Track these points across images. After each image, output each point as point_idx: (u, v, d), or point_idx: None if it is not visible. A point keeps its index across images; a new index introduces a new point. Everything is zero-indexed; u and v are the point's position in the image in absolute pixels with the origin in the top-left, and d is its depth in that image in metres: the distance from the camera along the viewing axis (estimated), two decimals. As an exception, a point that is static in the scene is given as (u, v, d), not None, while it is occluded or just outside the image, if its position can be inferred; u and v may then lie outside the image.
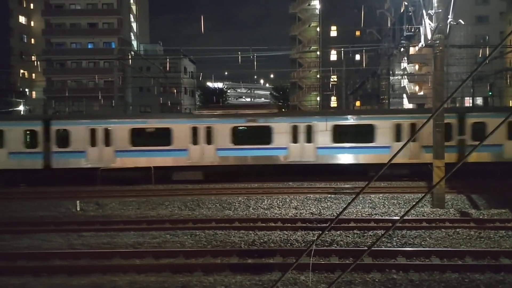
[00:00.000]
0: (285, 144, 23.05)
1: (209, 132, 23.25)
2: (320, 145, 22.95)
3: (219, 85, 79.91)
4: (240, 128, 23.50)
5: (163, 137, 23.24)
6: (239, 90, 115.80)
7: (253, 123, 23.40)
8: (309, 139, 23.05)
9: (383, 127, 22.75)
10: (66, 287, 8.97)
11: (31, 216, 15.80)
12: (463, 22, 16.63)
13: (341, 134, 23.07)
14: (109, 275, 9.55)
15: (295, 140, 23.08)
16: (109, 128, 23.32)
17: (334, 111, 42.57)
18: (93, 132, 23.25)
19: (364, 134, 22.92)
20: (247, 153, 23.24)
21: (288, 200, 17.37)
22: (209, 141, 23.21)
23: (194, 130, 23.26)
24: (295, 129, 23.11)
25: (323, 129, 22.96)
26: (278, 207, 16.60)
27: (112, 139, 23.24)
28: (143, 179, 22.68)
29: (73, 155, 23.21)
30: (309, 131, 23.09)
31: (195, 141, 23.16)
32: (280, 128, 23.11)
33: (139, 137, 23.42)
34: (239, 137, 23.35)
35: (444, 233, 12.36)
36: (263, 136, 23.18)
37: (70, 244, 12.05)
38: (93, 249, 11.43)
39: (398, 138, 22.60)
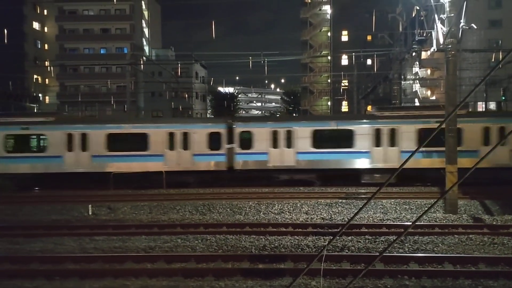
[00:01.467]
0: (60, 153, 23.32)
1: None
2: (95, 153, 23.35)
3: (230, 90, 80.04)
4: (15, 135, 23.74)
5: None
6: (250, 95, 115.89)
7: (27, 131, 23.64)
8: (84, 148, 23.35)
9: (156, 135, 23.38)
10: (79, 290, 9.04)
11: (44, 220, 15.96)
12: (475, 26, 16.53)
13: (114, 142, 23.51)
14: (121, 279, 9.60)
15: (70, 148, 23.35)
16: None
17: (108, 119, 41.86)
18: None
19: (139, 143, 23.45)
20: (23, 161, 23.39)
21: (299, 205, 17.33)
22: None
23: None
24: (70, 137, 23.39)
25: (98, 137, 23.37)
26: (289, 212, 16.56)
27: None
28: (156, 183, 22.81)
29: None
30: (84, 139, 23.36)
31: None
32: (56, 137, 23.39)
33: None
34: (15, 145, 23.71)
35: (457, 239, 12.25)
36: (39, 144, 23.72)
37: (82, 247, 12.14)
38: (105, 253, 11.50)
39: (171, 146, 23.30)
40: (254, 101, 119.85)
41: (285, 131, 23.08)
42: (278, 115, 46.24)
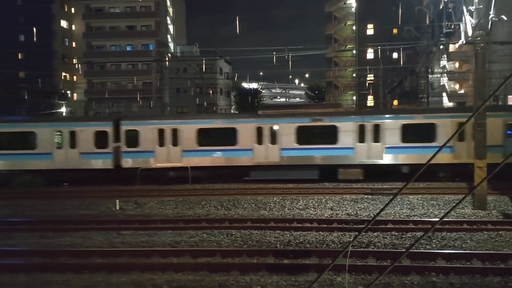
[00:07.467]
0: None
1: None
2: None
3: (254, 85, 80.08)
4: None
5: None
6: (274, 90, 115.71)
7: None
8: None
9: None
10: (107, 284, 9.19)
11: (73, 215, 16.30)
12: (505, 18, 16.09)
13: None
14: (148, 273, 9.73)
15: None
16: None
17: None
18: None
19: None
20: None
21: (323, 201, 17.26)
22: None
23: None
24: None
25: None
26: (313, 207, 16.51)
27: None
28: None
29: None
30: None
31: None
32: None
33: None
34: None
35: (486, 236, 12.01)
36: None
37: (110, 242, 12.35)
38: (132, 247, 11.68)
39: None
40: (278, 97, 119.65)
41: None
42: None
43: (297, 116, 23.69)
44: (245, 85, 78.93)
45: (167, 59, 54.41)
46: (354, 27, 64.08)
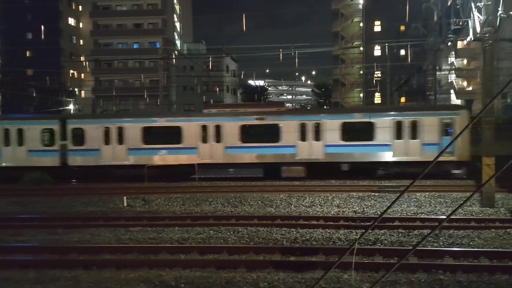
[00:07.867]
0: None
1: None
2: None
3: (261, 83, 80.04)
4: None
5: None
6: (280, 87, 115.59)
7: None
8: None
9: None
10: (115, 280, 9.26)
11: (81, 211, 16.43)
12: (514, 15, 16.01)
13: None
14: (155, 270, 9.79)
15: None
16: None
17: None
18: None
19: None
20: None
21: (330, 198, 17.26)
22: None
23: None
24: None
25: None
26: (320, 205, 16.51)
27: None
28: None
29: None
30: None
31: None
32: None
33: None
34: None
35: (494, 234, 11.97)
36: None
37: (118, 238, 12.44)
38: (140, 243, 11.76)
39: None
40: (285, 94, 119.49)
41: None
42: None
43: (241, 115, 23.91)
44: (251, 82, 78.91)
45: (174, 57, 54.53)
46: (361, 24, 63.84)
